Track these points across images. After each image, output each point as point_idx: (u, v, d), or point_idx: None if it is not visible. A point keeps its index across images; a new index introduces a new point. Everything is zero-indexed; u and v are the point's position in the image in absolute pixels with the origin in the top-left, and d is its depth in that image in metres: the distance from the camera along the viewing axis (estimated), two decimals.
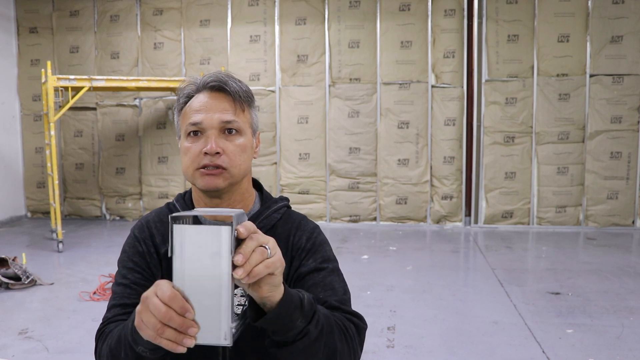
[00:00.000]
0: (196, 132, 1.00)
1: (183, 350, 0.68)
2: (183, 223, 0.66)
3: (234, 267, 0.67)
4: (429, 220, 6.55)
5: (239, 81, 1.04)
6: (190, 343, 0.67)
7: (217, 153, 0.98)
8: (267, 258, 0.70)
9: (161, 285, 0.68)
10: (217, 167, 0.98)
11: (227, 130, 1.00)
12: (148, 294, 0.70)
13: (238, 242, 0.68)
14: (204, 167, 0.98)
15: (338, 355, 0.88)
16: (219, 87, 1.01)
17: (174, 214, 0.67)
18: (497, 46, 6.27)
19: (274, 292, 0.75)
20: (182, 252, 0.66)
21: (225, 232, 0.66)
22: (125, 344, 0.83)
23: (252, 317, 0.80)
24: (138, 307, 0.71)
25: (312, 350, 0.84)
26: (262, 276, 0.70)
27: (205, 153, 0.97)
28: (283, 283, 0.78)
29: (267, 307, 0.78)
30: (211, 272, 0.66)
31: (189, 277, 0.66)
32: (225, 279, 0.66)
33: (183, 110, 1.04)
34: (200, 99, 1.02)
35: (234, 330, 0.69)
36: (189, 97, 1.04)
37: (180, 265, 0.66)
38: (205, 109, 1.00)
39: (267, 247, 0.71)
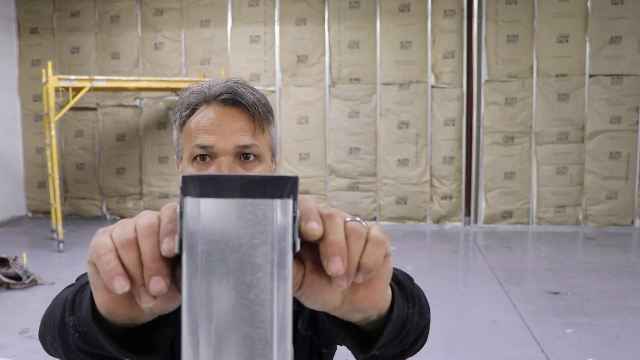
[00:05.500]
0: (204, 156, 0.82)
1: (121, 289, 0.38)
2: (202, 191, 0.36)
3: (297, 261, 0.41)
4: (429, 220, 6.57)
5: (255, 90, 0.86)
6: (146, 301, 0.39)
7: None
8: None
9: (143, 213, 0.41)
10: None
11: (244, 155, 0.83)
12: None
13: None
14: None
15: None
16: (234, 100, 0.83)
17: (187, 174, 0.37)
18: (496, 46, 6.28)
19: (387, 290, 0.47)
20: (200, 246, 0.36)
21: (283, 207, 0.36)
22: (64, 306, 0.56)
23: (356, 347, 0.53)
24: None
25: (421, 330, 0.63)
26: (380, 266, 0.42)
27: None
28: None
29: (368, 321, 0.50)
30: (256, 283, 0.36)
31: (209, 293, 0.36)
32: (281, 295, 0.36)
33: (186, 126, 0.85)
34: (210, 116, 0.82)
35: None
36: (193, 109, 0.85)
37: (192, 271, 0.36)
38: (216, 129, 0.81)
39: (359, 219, 0.42)
